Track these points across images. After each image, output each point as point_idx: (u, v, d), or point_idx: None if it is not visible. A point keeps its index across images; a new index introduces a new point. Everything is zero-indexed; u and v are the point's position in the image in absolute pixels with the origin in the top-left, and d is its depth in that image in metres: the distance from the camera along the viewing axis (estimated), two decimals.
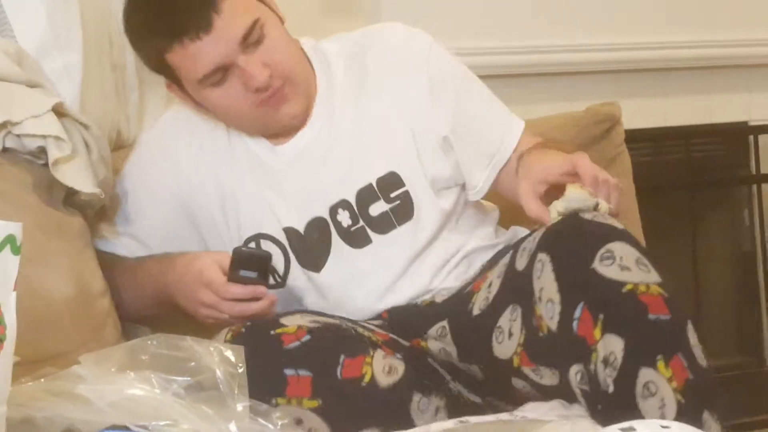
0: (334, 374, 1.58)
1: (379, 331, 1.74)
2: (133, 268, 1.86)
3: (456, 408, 1.63)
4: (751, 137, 3.33)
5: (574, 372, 1.46)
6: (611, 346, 1.41)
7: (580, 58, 3.04)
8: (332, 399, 1.57)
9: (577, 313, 1.44)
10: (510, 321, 1.57)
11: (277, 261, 1.79)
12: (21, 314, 1.10)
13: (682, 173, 3.26)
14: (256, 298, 1.68)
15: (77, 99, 1.92)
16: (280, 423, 1.23)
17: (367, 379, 1.58)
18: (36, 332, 1.55)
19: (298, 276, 1.81)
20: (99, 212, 1.89)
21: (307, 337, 1.60)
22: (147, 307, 1.87)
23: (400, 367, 1.62)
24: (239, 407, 1.21)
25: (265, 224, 1.81)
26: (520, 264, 1.57)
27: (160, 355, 1.26)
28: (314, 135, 1.83)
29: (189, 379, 1.22)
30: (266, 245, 1.80)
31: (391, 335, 1.73)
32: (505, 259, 1.65)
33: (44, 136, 1.73)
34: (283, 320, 1.64)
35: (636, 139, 2.53)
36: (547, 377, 1.54)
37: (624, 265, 1.44)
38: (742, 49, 3.27)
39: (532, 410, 1.54)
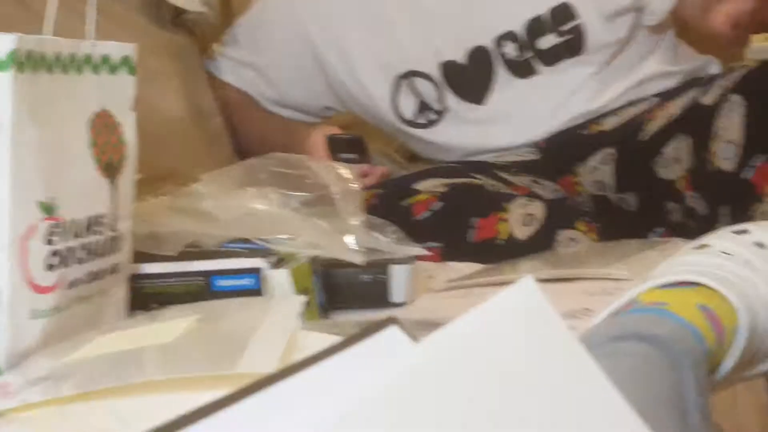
0: (464, 239, 1.55)
1: (520, 183, 1.69)
2: (262, 123, 1.87)
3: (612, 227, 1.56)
4: None
5: (722, 212, 1.46)
6: None
7: None
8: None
9: (756, 161, 1.41)
10: (676, 149, 1.53)
11: (431, 99, 1.77)
12: (139, 133, 1.12)
13: None
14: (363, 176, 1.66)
15: None
16: (395, 236, 1.24)
17: (503, 236, 1.54)
18: (153, 150, 1.58)
19: (456, 112, 1.77)
20: (224, 38, 1.90)
21: (437, 205, 1.58)
22: None
23: (539, 212, 1.56)
24: (354, 221, 1.23)
25: (420, 59, 1.76)
26: (708, 99, 1.52)
27: (277, 173, 1.28)
28: None
29: (306, 194, 1.24)
30: (420, 83, 1.76)
31: (532, 189, 1.68)
32: (693, 93, 1.59)
33: None
34: (417, 185, 1.62)
35: None
36: (700, 207, 1.52)
37: None
38: None
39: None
